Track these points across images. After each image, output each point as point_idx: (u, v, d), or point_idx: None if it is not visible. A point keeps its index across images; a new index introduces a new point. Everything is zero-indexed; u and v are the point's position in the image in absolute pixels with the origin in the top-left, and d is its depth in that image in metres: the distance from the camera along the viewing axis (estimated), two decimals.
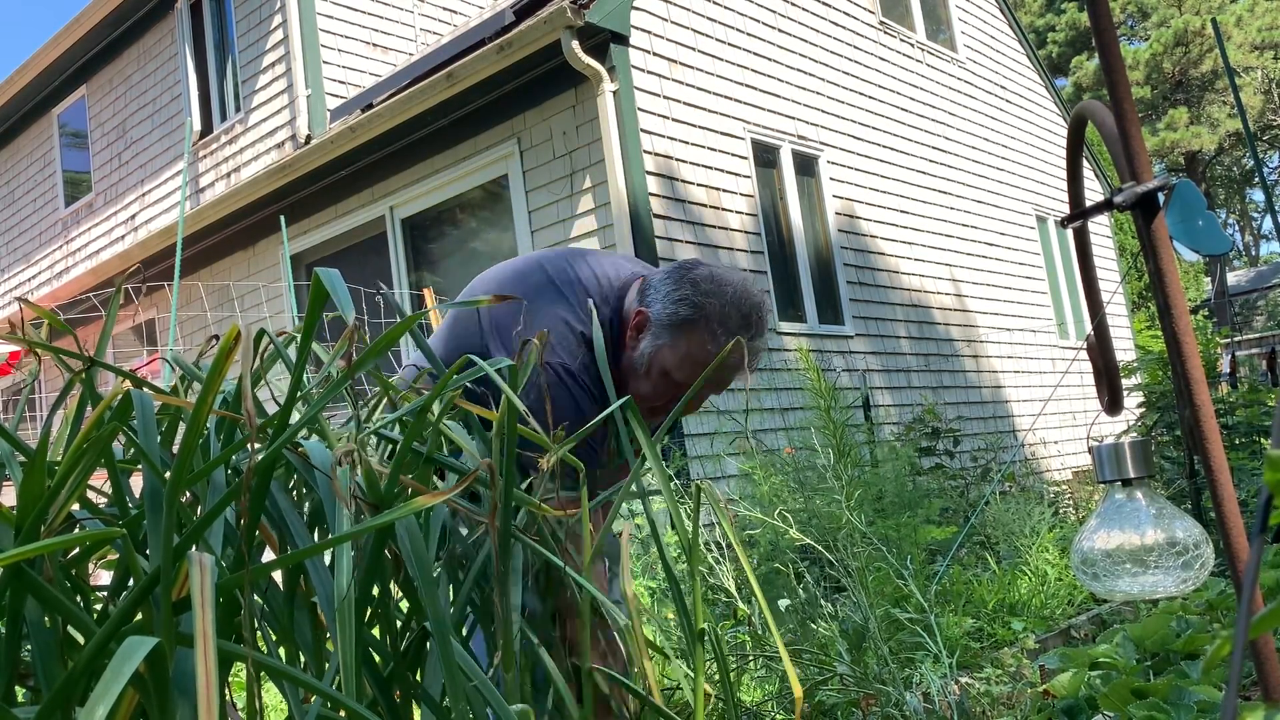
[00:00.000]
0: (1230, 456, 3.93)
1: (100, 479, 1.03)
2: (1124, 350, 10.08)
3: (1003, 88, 10.20)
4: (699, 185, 6.24)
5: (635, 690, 1.18)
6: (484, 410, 1.16)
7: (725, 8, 6.93)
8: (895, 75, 8.56)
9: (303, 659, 1.04)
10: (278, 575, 1.05)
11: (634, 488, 1.28)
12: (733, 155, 6.61)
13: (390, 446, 1.18)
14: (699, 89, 6.45)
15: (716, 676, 2.22)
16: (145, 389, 0.95)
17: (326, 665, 1.02)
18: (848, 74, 7.95)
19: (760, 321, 1.66)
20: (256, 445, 0.88)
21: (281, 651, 1.06)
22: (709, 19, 6.74)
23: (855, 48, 8.16)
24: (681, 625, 1.28)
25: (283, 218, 6.30)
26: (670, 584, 1.26)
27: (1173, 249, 1.15)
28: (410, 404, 1.16)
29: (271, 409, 1.05)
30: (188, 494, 1.01)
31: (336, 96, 8.36)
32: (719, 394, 1.59)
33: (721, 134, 6.55)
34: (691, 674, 1.20)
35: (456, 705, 0.92)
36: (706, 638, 1.30)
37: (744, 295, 1.64)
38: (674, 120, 6.18)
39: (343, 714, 0.92)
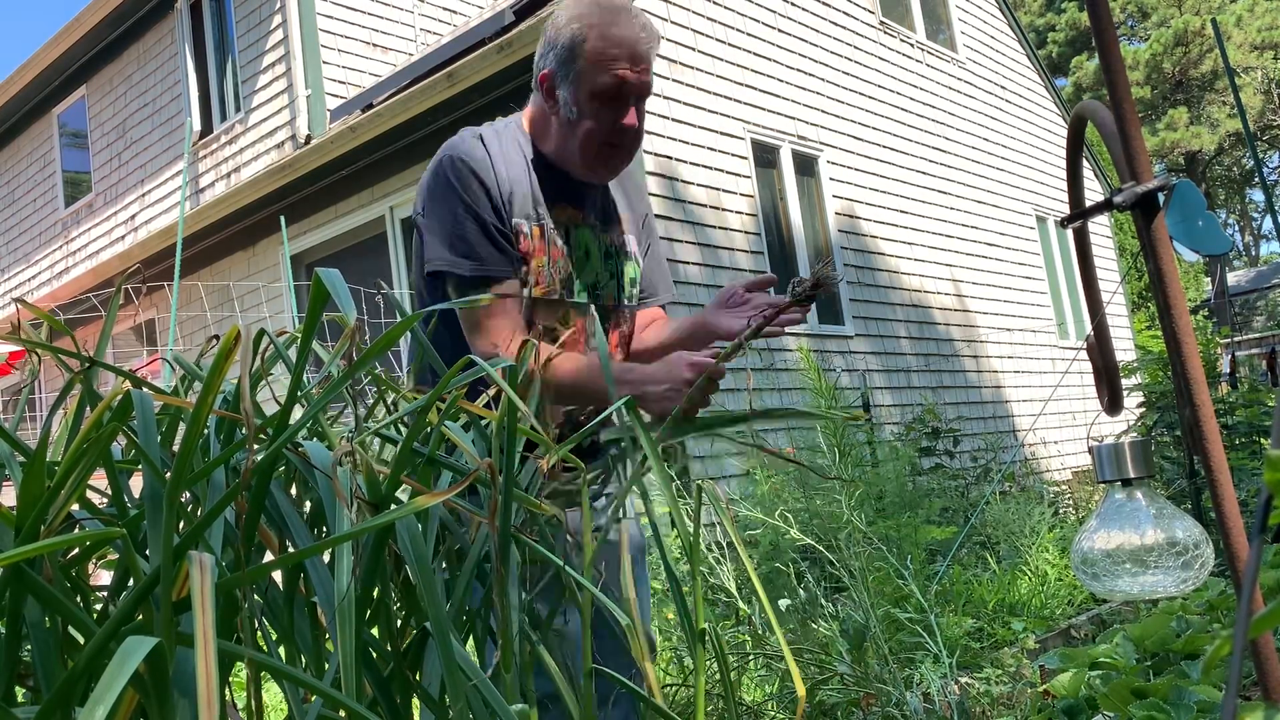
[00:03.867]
0: (1230, 456, 3.93)
1: (100, 479, 1.03)
2: (1124, 350, 10.08)
3: (1003, 88, 10.20)
4: (699, 185, 6.24)
5: (637, 690, 1.18)
6: (484, 411, 1.16)
7: (725, 8, 6.92)
8: (895, 75, 8.55)
9: (303, 659, 1.04)
10: (277, 575, 1.05)
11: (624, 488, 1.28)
12: (733, 155, 6.61)
13: (389, 445, 1.18)
14: (699, 89, 6.45)
15: (717, 676, 2.22)
16: (145, 389, 0.95)
17: (326, 665, 1.03)
18: (848, 74, 7.95)
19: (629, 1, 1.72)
20: (256, 445, 0.88)
21: (281, 651, 1.06)
22: (709, 19, 6.74)
23: (855, 48, 8.16)
24: (682, 625, 1.28)
25: (283, 218, 6.30)
26: (671, 584, 1.26)
27: (1173, 249, 1.15)
28: (411, 404, 1.16)
29: (273, 409, 1.05)
30: (186, 494, 1.01)
31: (336, 96, 8.36)
32: (644, 81, 1.65)
33: (721, 134, 6.55)
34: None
35: (456, 704, 0.92)
36: (707, 638, 1.30)
37: None
38: (674, 120, 6.18)
39: (343, 713, 0.92)
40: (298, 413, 1.05)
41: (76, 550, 0.97)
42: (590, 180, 1.76)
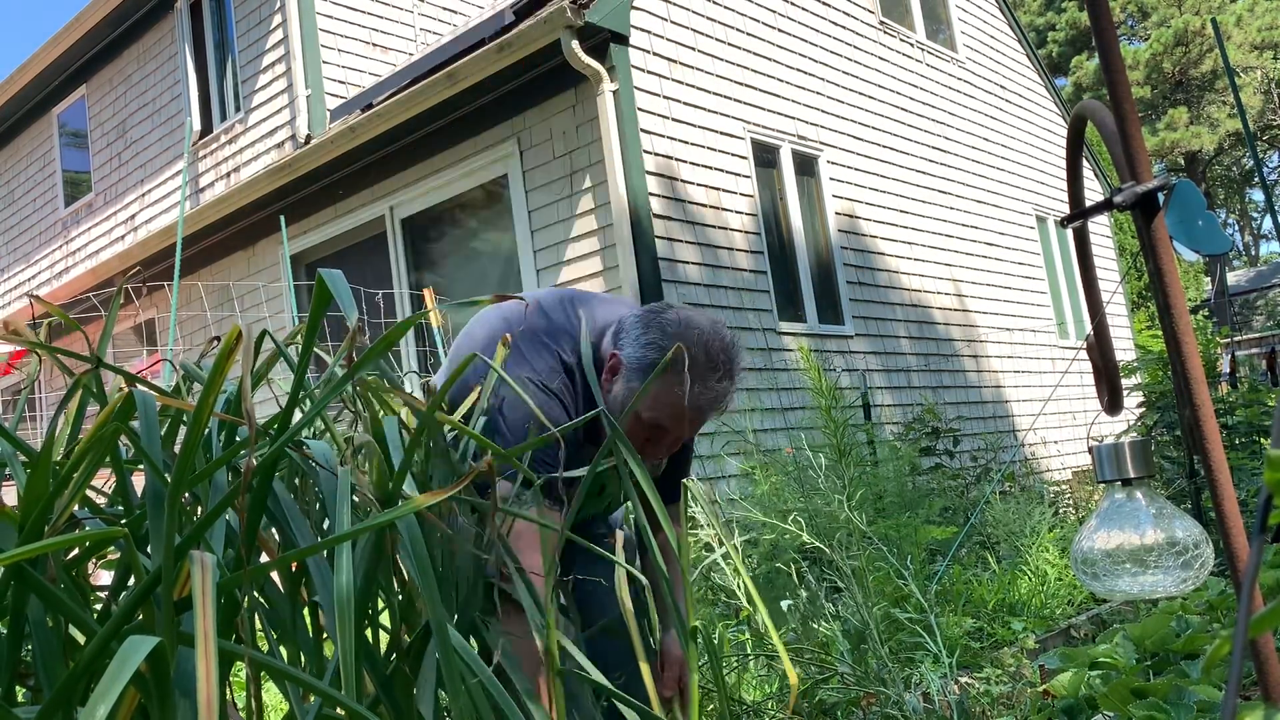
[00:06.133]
0: (1230, 456, 3.93)
1: (101, 479, 1.03)
2: (1124, 350, 10.08)
3: (1003, 88, 10.20)
4: (699, 185, 6.24)
5: (632, 700, 1.19)
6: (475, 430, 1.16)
7: (725, 8, 6.92)
8: (895, 75, 8.55)
9: (303, 658, 1.04)
10: (276, 575, 1.05)
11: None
12: (733, 155, 6.61)
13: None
14: (699, 89, 6.45)
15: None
16: (147, 390, 0.95)
17: (328, 662, 1.03)
18: (848, 74, 7.95)
19: (729, 364, 1.68)
20: (256, 445, 0.88)
21: (283, 650, 1.06)
22: (709, 19, 6.74)
23: (855, 48, 8.16)
24: (675, 624, 1.28)
25: (283, 218, 6.30)
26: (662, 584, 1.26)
27: (1173, 249, 1.16)
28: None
29: (273, 409, 1.05)
30: (187, 494, 1.01)
31: (336, 96, 8.36)
32: (691, 435, 1.61)
33: (721, 134, 6.55)
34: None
35: (456, 703, 0.92)
36: (699, 637, 1.30)
37: (712, 338, 1.67)
38: (674, 120, 6.18)
39: (341, 712, 0.92)
40: (299, 412, 1.05)
41: (78, 550, 0.97)
42: None
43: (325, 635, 1.07)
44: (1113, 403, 1.51)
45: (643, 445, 1.68)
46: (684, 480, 1.71)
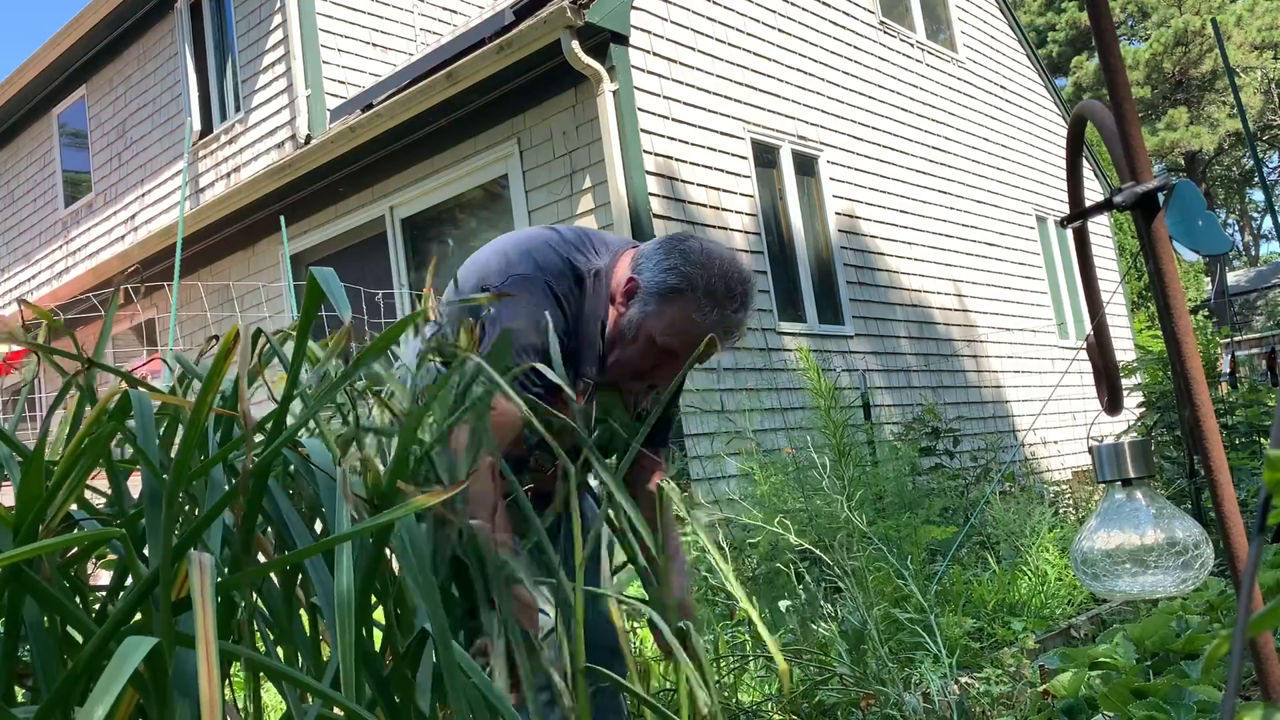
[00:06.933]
0: (1230, 456, 3.92)
1: (100, 479, 1.02)
2: (1124, 350, 10.08)
3: (1003, 88, 10.20)
4: (699, 185, 6.24)
5: (634, 690, 1.19)
6: None
7: (725, 8, 6.92)
8: (895, 75, 8.55)
9: (301, 659, 1.04)
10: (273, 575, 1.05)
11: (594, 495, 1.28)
12: (733, 155, 6.61)
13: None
14: (699, 89, 6.45)
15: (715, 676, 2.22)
16: (142, 389, 0.95)
17: (326, 662, 1.02)
18: (848, 74, 7.95)
19: (745, 296, 1.70)
20: (254, 444, 0.88)
21: (280, 651, 1.06)
22: (709, 19, 6.74)
23: (855, 48, 8.16)
24: (666, 623, 1.28)
25: (282, 218, 6.30)
26: (646, 585, 1.26)
27: (1173, 249, 1.15)
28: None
29: (271, 408, 1.04)
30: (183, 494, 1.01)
31: (336, 96, 8.36)
32: (702, 363, 1.62)
33: (721, 134, 6.55)
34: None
35: (455, 704, 0.91)
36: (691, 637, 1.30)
37: (731, 269, 1.68)
38: (674, 120, 6.18)
39: (339, 712, 0.91)
40: (295, 413, 1.05)
41: (75, 550, 0.97)
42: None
43: (324, 636, 1.07)
44: (1113, 403, 1.51)
45: (651, 369, 1.70)
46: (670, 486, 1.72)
